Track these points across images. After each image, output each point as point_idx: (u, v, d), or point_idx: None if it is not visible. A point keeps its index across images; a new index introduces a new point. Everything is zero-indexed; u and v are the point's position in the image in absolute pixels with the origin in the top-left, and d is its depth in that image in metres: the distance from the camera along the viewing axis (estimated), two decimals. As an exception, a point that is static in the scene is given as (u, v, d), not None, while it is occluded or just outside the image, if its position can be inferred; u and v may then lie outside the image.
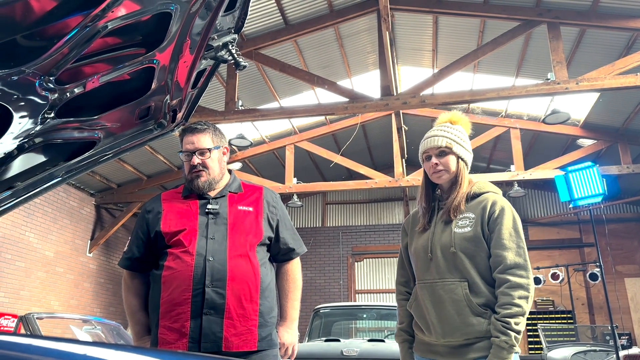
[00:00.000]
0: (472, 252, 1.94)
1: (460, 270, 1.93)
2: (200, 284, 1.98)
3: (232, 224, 2.12)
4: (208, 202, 2.18)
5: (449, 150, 2.05)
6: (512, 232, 1.92)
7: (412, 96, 6.66)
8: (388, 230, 13.17)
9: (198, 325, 1.95)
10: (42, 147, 1.63)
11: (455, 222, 1.99)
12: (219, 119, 6.92)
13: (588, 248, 11.98)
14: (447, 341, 1.92)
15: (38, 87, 1.24)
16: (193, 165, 2.19)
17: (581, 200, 5.32)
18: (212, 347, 1.94)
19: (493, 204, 1.98)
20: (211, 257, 2.02)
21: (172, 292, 2.00)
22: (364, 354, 5.83)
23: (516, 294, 1.82)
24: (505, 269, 1.87)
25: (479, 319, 1.87)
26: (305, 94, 9.00)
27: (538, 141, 10.29)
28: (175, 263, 2.03)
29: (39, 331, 4.02)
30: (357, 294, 12.87)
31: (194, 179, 2.19)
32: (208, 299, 1.97)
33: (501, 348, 1.78)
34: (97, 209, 10.64)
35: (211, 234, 2.08)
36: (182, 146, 2.24)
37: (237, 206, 2.18)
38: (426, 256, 2.02)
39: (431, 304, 1.97)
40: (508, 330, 1.78)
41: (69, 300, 9.62)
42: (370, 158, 12.32)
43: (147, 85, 1.67)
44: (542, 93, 6.30)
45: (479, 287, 1.91)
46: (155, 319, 2.04)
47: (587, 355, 7.33)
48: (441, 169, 2.05)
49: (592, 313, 11.58)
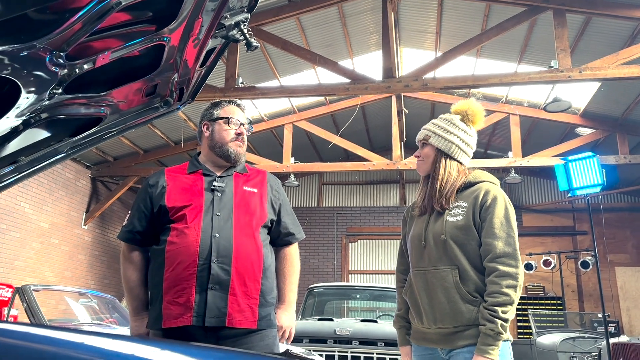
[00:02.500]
0: (463, 240, 1.95)
1: (450, 258, 1.95)
2: (206, 259, 1.98)
3: (238, 203, 2.12)
4: (214, 180, 2.16)
5: (426, 142, 2.12)
6: (503, 221, 1.94)
7: (414, 79, 6.61)
8: (383, 213, 13.21)
9: (203, 300, 1.95)
10: (47, 123, 1.61)
11: (448, 211, 2.01)
12: (219, 95, 6.86)
13: (581, 236, 12.07)
14: (438, 328, 1.95)
15: (48, 62, 1.22)
16: (239, 133, 2.21)
17: (580, 189, 5.34)
18: (216, 322, 1.95)
19: (486, 193, 1.99)
20: (217, 234, 2.02)
21: (176, 267, 2.00)
22: (357, 334, 5.89)
23: (504, 282, 1.84)
24: (495, 257, 1.88)
25: (468, 307, 1.89)
26: (306, 72, 8.92)
27: (536, 128, 10.28)
28: (180, 238, 2.02)
29: (35, 303, 4.02)
30: (351, 275, 12.96)
31: (237, 147, 2.21)
32: (214, 274, 1.97)
33: (487, 335, 1.80)
34: (93, 182, 10.59)
35: (217, 210, 2.08)
36: (225, 113, 2.23)
37: (242, 186, 2.19)
38: (420, 244, 2.05)
39: (424, 291, 2.00)
40: (495, 319, 1.81)
41: (63, 271, 9.63)
42: (368, 140, 12.29)
43: (155, 63, 1.65)
44: (544, 80, 6.27)
45: (469, 275, 1.92)
46: (158, 295, 2.03)
47: (575, 341, 7.43)
48: (419, 161, 2.13)
49: (582, 300, 11.72)
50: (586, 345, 7.35)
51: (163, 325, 1.97)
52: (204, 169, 2.21)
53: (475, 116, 2.15)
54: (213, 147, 2.21)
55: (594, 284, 11.51)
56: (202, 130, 2.26)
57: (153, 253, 2.13)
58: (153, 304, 2.07)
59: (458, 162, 2.10)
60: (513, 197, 12.79)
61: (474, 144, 2.17)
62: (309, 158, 11.91)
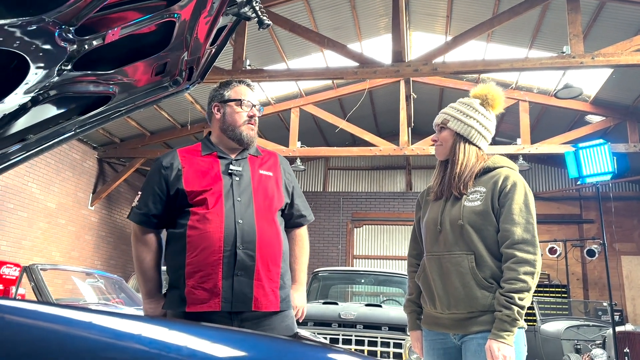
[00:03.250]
0: (480, 225, 1.93)
1: (467, 243, 1.93)
2: (232, 246, 1.99)
3: (256, 188, 2.13)
4: (230, 163, 2.15)
5: (444, 126, 2.10)
6: (522, 207, 1.91)
7: (424, 63, 6.54)
8: (389, 198, 13.19)
9: (230, 286, 1.97)
10: (56, 100, 1.59)
11: (466, 196, 1.99)
12: (226, 77, 6.80)
13: (587, 224, 12.03)
14: (451, 313, 1.94)
15: (57, 37, 1.19)
16: (252, 115, 2.19)
17: (590, 177, 5.28)
18: (243, 307, 1.98)
19: (505, 178, 1.97)
20: (240, 220, 2.03)
21: (200, 252, 1.99)
22: (361, 318, 5.91)
23: (522, 269, 1.82)
24: (513, 244, 1.86)
25: (483, 292, 1.88)
26: (314, 56, 8.85)
27: (546, 115, 10.18)
28: (203, 224, 2.01)
29: (42, 282, 4.05)
30: (355, 259, 12.99)
31: (249, 130, 2.18)
32: (239, 261, 1.99)
33: (503, 321, 1.79)
34: (100, 163, 10.61)
35: (237, 196, 2.07)
36: (236, 94, 2.20)
37: (258, 170, 2.19)
38: (435, 228, 2.03)
39: (438, 276, 1.98)
40: (512, 305, 1.79)
41: (70, 251, 9.70)
42: (375, 125, 12.22)
43: (165, 40, 1.62)
44: (556, 66, 6.18)
45: (485, 261, 1.90)
46: (180, 279, 2.02)
47: (579, 329, 7.43)
48: (437, 145, 2.12)
49: (587, 288, 11.72)
50: (590, 333, 7.34)
51: (187, 309, 1.98)
52: (219, 151, 2.18)
53: (495, 100, 2.12)
54: (225, 130, 2.19)
55: (600, 272, 11.49)
56: (213, 112, 2.23)
57: (171, 236, 2.10)
58: (173, 287, 2.06)
59: (477, 147, 2.08)
60: (520, 185, 12.72)
61: (493, 129, 2.14)
62: (316, 142, 11.86)
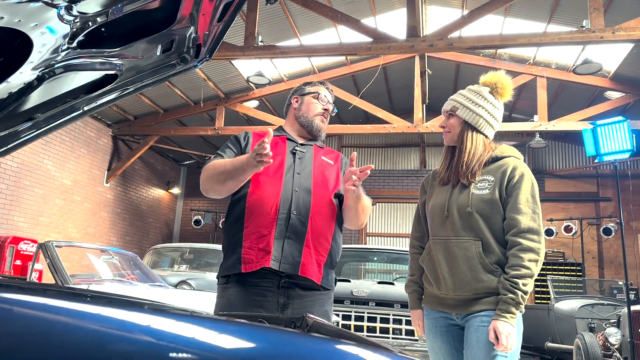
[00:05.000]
0: (488, 213, 2.01)
1: (475, 230, 2.01)
2: (287, 210, 2.09)
3: (316, 168, 2.25)
4: (296, 145, 2.29)
5: (453, 113, 2.16)
6: (529, 197, 1.99)
7: (440, 38, 6.41)
8: (403, 176, 13.13)
9: (281, 246, 2.06)
10: (62, 79, 1.57)
11: (474, 184, 2.06)
12: (238, 54, 6.76)
13: (604, 202, 11.87)
14: (456, 294, 2.02)
15: (59, 14, 1.16)
16: (326, 109, 2.36)
17: (608, 155, 5.18)
18: (290, 269, 2.05)
19: (514, 169, 2.04)
20: (297, 189, 2.14)
21: (257, 216, 2.09)
22: (374, 295, 5.94)
23: (526, 256, 1.91)
24: (519, 232, 1.94)
25: (489, 276, 1.96)
26: (327, 31, 8.72)
27: (564, 91, 9.98)
28: (261, 190, 2.13)
29: (57, 259, 4.10)
30: (368, 237, 13.01)
31: (320, 121, 2.34)
32: (292, 224, 2.08)
33: (507, 304, 1.88)
34: (114, 140, 10.68)
35: (297, 170, 2.20)
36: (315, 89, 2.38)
37: (321, 156, 2.32)
38: (442, 214, 2.09)
39: (444, 259, 2.05)
40: (516, 290, 1.88)
41: (86, 228, 9.84)
42: (389, 101, 12.09)
43: (171, 17, 1.58)
44: (575, 41, 6.03)
45: (491, 247, 1.99)
46: (238, 242, 2.10)
47: (594, 308, 7.40)
48: (446, 132, 2.18)
49: (602, 267, 11.62)
50: (605, 312, 7.31)
51: (242, 270, 2.05)
52: (288, 135, 2.32)
53: (505, 89, 2.17)
54: (299, 117, 2.34)
55: (616, 250, 11.38)
56: (291, 103, 2.40)
57: (231, 204, 2.21)
58: (230, 251, 2.14)
59: (484, 135, 2.14)
60: (536, 162, 12.57)
61: (501, 118, 2.20)
62: (329, 120, 11.78)
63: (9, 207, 8.02)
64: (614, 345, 6.24)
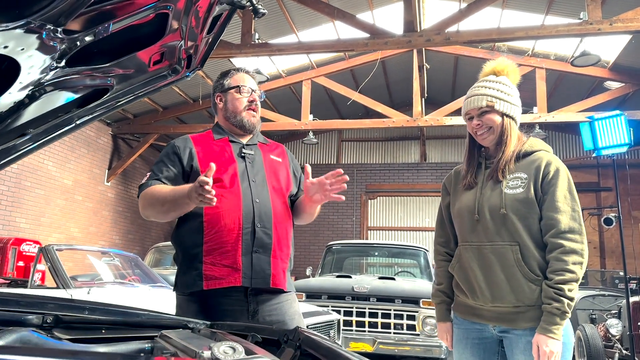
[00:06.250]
0: (524, 213, 1.85)
1: (511, 233, 1.85)
2: (250, 224, 2.03)
3: (269, 171, 2.18)
4: (242, 147, 2.19)
5: (490, 108, 1.92)
6: (567, 194, 1.84)
7: (437, 33, 6.39)
8: (403, 169, 13.12)
9: (249, 262, 2.01)
10: (53, 95, 1.58)
11: (506, 182, 1.89)
12: (235, 52, 6.75)
13: (605, 192, 11.87)
14: (495, 306, 1.87)
15: (45, 38, 1.17)
16: (252, 100, 2.21)
17: (605, 149, 5.17)
18: (261, 283, 2.02)
19: (547, 164, 1.88)
20: (257, 199, 2.07)
21: (219, 230, 2.01)
22: (374, 291, 5.97)
23: (570, 259, 1.75)
24: (559, 233, 1.79)
25: (530, 286, 1.80)
26: (325, 26, 8.70)
27: (563, 82, 9.95)
28: (221, 202, 1.99)
29: (58, 262, 4.13)
30: (369, 231, 13.03)
31: (250, 116, 2.21)
32: (258, 238, 2.03)
33: (553, 315, 1.73)
34: (114, 139, 10.69)
35: (252, 177, 2.11)
36: (235, 82, 2.23)
37: (269, 155, 2.23)
38: (472, 217, 1.93)
39: (478, 267, 1.89)
40: (562, 297, 1.72)
41: (88, 227, 9.87)
42: (388, 95, 12.08)
43: (161, 31, 1.59)
44: (573, 33, 6.01)
45: (530, 251, 1.83)
46: (195, 257, 2.02)
47: (595, 299, 7.41)
48: (484, 131, 1.94)
49: (604, 257, 11.64)
50: (606, 303, 7.32)
51: (205, 287, 1.98)
52: (230, 136, 2.21)
53: (515, 74, 2.04)
54: (228, 118, 2.22)
55: (617, 240, 11.37)
56: (216, 102, 2.27)
57: (184, 216, 2.07)
58: (187, 266, 2.05)
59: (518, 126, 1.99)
60: (536, 153, 12.55)
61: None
62: (328, 114, 11.79)
63: (10, 208, 8.05)
64: (615, 336, 6.25)
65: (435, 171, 12.73)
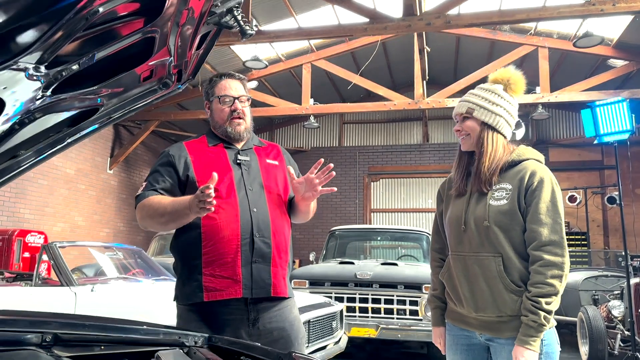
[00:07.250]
0: (507, 225, 1.86)
1: (494, 245, 1.87)
2: (249, 234, 2.02)
3: (265, 177, 2.15)
4: (237, 153, 2.16)
5: (469, 115, 1.98)
6: (549, 206, 1.84)
7: (437, 16, 6.30)
8: (405, 151, 13.08)
9: (249, 272, 2.00)
10: (44, 119, 1.57)
11: (491, 193, 1.91)
12: (233, 40, 6.69)
13: (609, 170, 11.80)
14: (479, 315, 1.91)
15: (28, 75, 1.16)
16: (235, 110, 2.15)
17: (607, 136, 5.12)
18: (262, 293, 2.02)
19: (532, 174, 1.87)
20: (255, 209, 2.05)
21: (217, 241, 2.00)
22: (377, 277, 6.00)
23: (549, 272, 1.77)
24: (540, 245, 1.81)
25: (512, 296, 1.84)
26: (323, 9, 8.57)
27: (566, 61, 9.83)
28: (219, 213, 1.99)
29: (61, 259, 4.17)
30: (372, 213, 13.05)
31: (234, 125, 2.15)
32: (257, 248, 2.02)
33: (529, 327, 1.76)
34: (115, 127, 10.68)
35: (248, 185, 2.09)
36: (218, 91, 2.18)
37: (265, 159, 2.21)
38: (459, 227, 1.96)
39: (464, 277, 1.94)
40: (538, 310, 1.75)
41: (92, 215, 9.93)
42: (390, 76, 11.97)
43: (148, 51, 1.57)
44: (575, 15, 5.91)
45: (513, 263, 1.85)
46: (194, 269, 2.01)
47: (598, 280, 7.43)
48: (463, 136, 2.00)
49: (607, 235, 11.64)
50: (609, 283, 7.34)
51: (205, 299, 1.98)
52: (225, 142, 2.19)
53: (517, 85, 2.02)
54: (215, 128, 2.21)
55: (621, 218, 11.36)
56: (206, 110, 2.27)
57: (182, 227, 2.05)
58: (187, 278, 2.04)
59: (503, 135, 1.98)
60: (540, 133, 12.47)
61: (517, 116, 2.04)
62: (329, 97, 11.71)
63: (14, 199, 8.09)
64: (617, 317, 6.29)
65: (437, 152, 12.68)
